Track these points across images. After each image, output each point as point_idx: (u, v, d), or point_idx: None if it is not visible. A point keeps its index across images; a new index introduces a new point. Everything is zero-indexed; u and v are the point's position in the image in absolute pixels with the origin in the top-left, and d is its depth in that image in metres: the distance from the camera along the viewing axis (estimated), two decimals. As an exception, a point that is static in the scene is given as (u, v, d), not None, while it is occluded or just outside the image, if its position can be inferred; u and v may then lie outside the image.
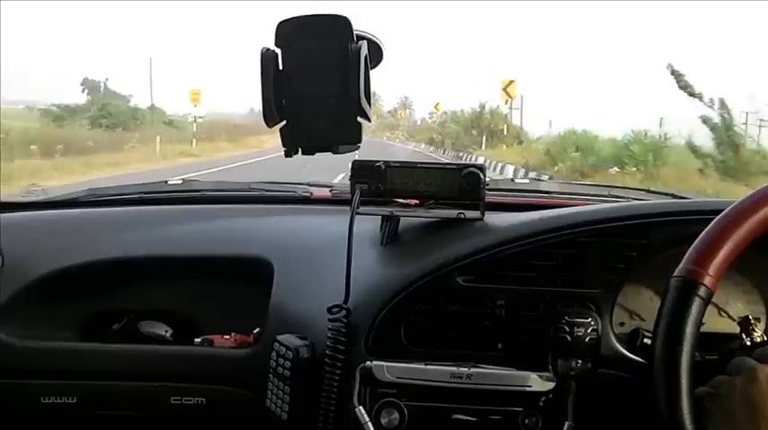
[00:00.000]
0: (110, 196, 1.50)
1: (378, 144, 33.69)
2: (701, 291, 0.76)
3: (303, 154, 0.78)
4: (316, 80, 0.75)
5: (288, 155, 0.77)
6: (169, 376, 1.17)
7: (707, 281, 0.76)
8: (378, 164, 1.06)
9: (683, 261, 0.79)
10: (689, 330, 0.75)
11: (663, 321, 0.77)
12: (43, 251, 1.27)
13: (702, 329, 0.78)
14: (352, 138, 0.77)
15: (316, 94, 0.75)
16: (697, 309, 0.76)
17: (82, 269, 1.25)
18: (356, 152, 0.87)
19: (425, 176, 1.08)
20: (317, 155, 0.79)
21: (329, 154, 0.80)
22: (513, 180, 1.77)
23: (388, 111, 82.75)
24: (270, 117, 0.75)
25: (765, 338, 1.04)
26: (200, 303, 1.29)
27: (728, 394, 0.74)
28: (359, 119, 0.76)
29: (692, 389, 0.74)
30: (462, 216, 1.09)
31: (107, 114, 28.34)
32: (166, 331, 1.27)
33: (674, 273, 0.79)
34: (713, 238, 0.79)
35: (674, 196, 1.50)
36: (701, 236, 0.80)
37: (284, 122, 0.76)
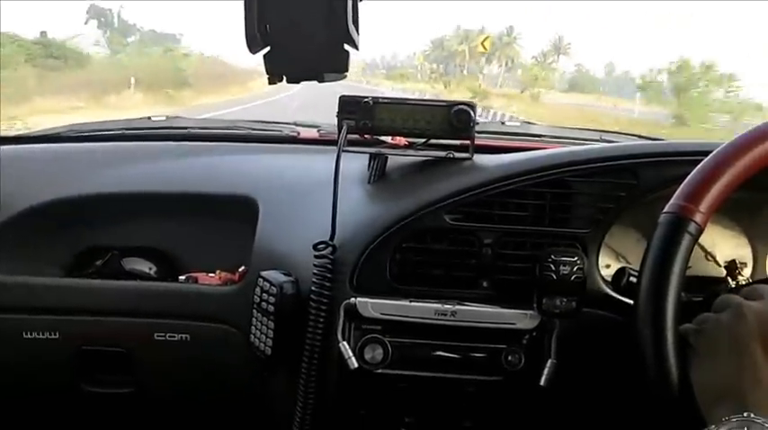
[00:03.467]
0: (92, 131, 1.47)
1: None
2: (691, 228, 0.75)
3: (288, 82, 0.75)
4: (302, 5, 0.72)
5: (271, 82, 0.74)
6: (153, 313, 1.16)
7: (697, 217, 0.76)
8: (366, 99, 1.04)
9: (674, 197, 0.78)
10: (677, 266, 0.75)
11: (651, 256, 0.77)
12: (24, 186, 1.25)
13: (688, 272, 0.77)
14: (338, 66, 0.74)
15: (301, 19, 0.72)
16: (686, 245, 0.75)
17: (63, 204, 1.23)
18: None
19: (414, 113, 1.05)
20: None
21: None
22: (503, 123, 1.74)
23: (534, 57, 55.77)
24: (253, 43, 0.72)
25: (751, 282, 1.05)
26: (184, 241, 1.28)
27: (713, 330, 0.73)
28: (346, 47, 0.73)
29: (678, 326, 0.74)
30: (452, 155, 1.08)
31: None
32: (150, 268, 1.27)
33: (665, 209, 0.78)
34: (705, 175, 0.78)
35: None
36: (692, 172, 0.79)
37: (268, 49, 0.73)
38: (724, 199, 0.77)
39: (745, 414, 0.65)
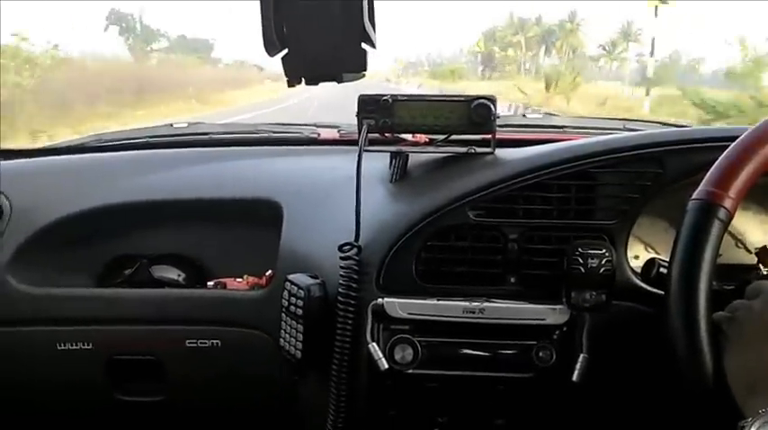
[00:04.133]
0: (116, 141, 1.49)
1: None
2: (721, 214, 0.74)
3: (307, 83, 0.75)
4: (317, 6, 0.72)
5: (291, 84, 0.75)
6: (184, 320, 1.17)
7: (727, 203, 0.74)
8: (385, 97, 1.04)
9: (703, 183, 0.77)
10: (708, 253, 0.73)
11: (681, 245, 0.75)
12: (51, 198, 1.26)
13: (719, 261, 0.76)
14: (356, 66, 0.74)
15: (318, 20, 0.72)
16: (716, 231, 0.74)
17: (91, 215, 1.25)
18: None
19: (434, 109, 1.05)
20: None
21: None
22: (524, 115, 1.72)
23: (602, 47, 46.30)
24: (270, 45, 0.72)
25: None
26: (211, 247, 1.29)
27: (746, 317, 0.72)
28: (364, 45, 0.73)
29: (710, 315, 0.73)
30: (473, 151, 1.07)
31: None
32: (179, 275, 1.28)
33: (693, 196, 0.77)
34: (734, 160, 0.76)
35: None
36: (721, 157, 0.78)
37: (286, 51, 0.73)
38: (753, 183, 0.76)
39: None
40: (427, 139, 1.12)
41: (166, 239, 1.29)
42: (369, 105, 1.04)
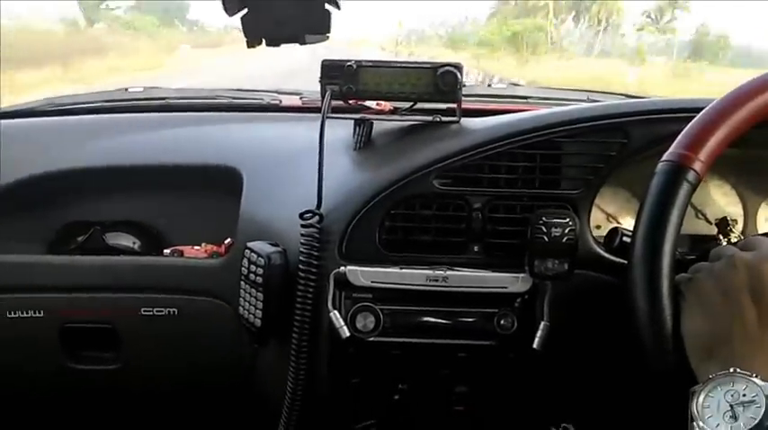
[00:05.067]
0: (69, 105, 1.43)
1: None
2: (690, 176, 0.74)
3: (267, 45, 0.72)
4: None
5: (250, 45, 0.72)
6: (138, 288, 1.15)
7: (696, 166, 0.75)
8: (349, 63, 1.01)
9: (673, 146, 0.77)
10: (674, 215, 0.74)
11: (647, 205, 0.75)
12: (0, 163, 1.21)
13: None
14: (320, 27, 0.71)
15: None
16: (684, 194, 0.74)
17: (42, 180, 1.21)
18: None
19: (399, 76, 1.03)
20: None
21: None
22: (489, 85, 1.72)
23: (647, 15, 33.42)
24: (229, 4, 0.69)
25: (742, 239, 1.04)
26: (168, 214, 1.26)
27: (705, 279, 0.73)
28: (327, 6, 0.71)
29: (673, 277, 0.74)
30: (439, 119, 1.06)
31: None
32: (134, 243, 1.25)
33: (663, 158, 0.77)
34: (706, 125, 0.77)
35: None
36: (693, 121, 0.78)
37: (246, 10, 0.70)
38: (723, 150, 0.76)
39: (731, 369, 0.65)
40: (392, 107, 1.11)
41: (121, 206, 1.25)
42: (332, 71, 1.02)
